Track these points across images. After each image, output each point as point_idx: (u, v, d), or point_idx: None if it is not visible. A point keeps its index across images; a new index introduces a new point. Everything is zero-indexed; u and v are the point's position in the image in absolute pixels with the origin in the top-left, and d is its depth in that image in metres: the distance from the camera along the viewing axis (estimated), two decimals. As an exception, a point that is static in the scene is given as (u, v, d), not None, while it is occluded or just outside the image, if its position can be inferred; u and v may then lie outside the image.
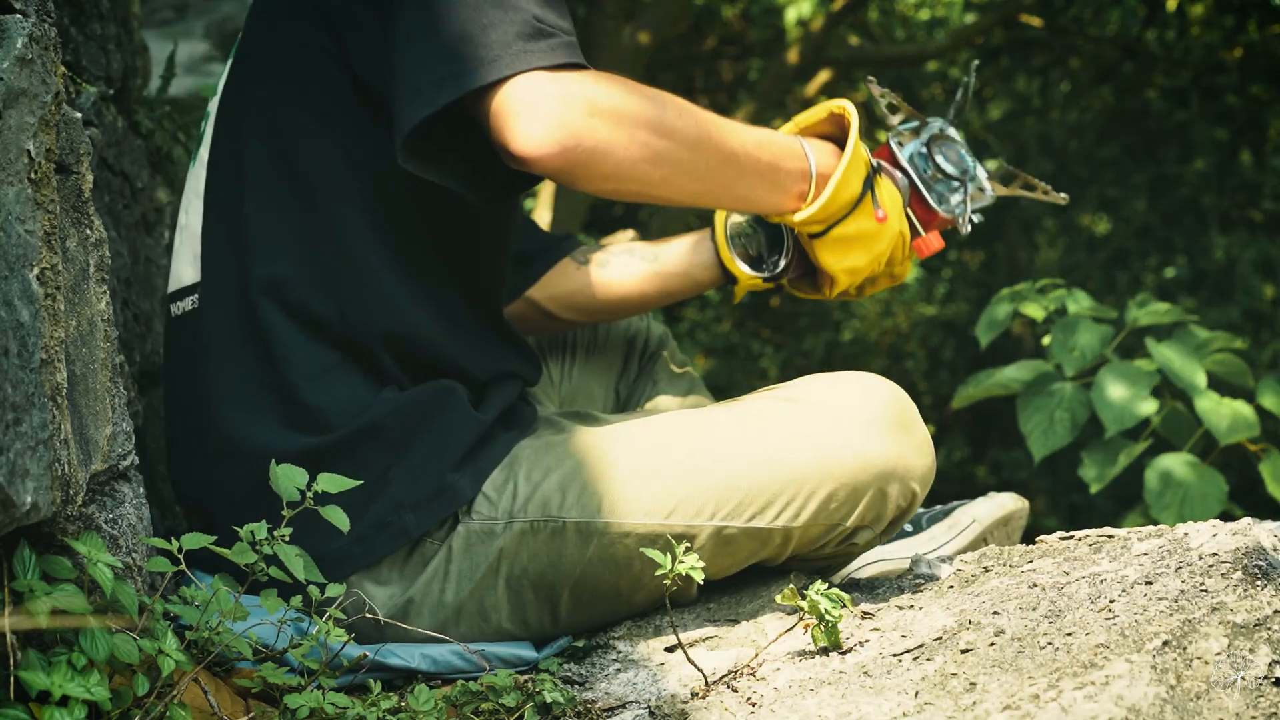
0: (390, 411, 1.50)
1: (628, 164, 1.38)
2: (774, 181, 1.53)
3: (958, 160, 1.77)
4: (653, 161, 1.40)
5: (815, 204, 1.55)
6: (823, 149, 1.59)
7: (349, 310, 1.51)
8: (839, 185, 1.56)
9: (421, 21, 1.37)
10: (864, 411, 1.54)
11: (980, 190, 1.79)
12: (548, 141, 1.33)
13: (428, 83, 1.35)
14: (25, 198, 1.12)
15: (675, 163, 1.42)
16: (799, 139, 1.58)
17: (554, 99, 1.33)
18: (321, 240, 1.51)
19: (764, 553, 1.55)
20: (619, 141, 1.36)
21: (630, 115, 1.37)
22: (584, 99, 1.34)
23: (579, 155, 1.34)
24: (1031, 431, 2.61)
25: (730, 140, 1.47)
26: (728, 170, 1.48)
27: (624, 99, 1.37)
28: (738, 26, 6.03)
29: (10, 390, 1.06)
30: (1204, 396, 2.57)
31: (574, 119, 1.33)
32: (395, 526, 1.49)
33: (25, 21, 1.16)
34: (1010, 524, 1.91)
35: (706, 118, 1.46)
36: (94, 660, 1.11)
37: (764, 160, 1.51)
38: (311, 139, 1.51)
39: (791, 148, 1.56)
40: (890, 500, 1.55)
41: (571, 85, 1.34)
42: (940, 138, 1.77)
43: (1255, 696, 1.19)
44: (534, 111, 1.33)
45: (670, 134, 1.41)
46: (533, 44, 1.34)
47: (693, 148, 1.43)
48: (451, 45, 1.35)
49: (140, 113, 2.21)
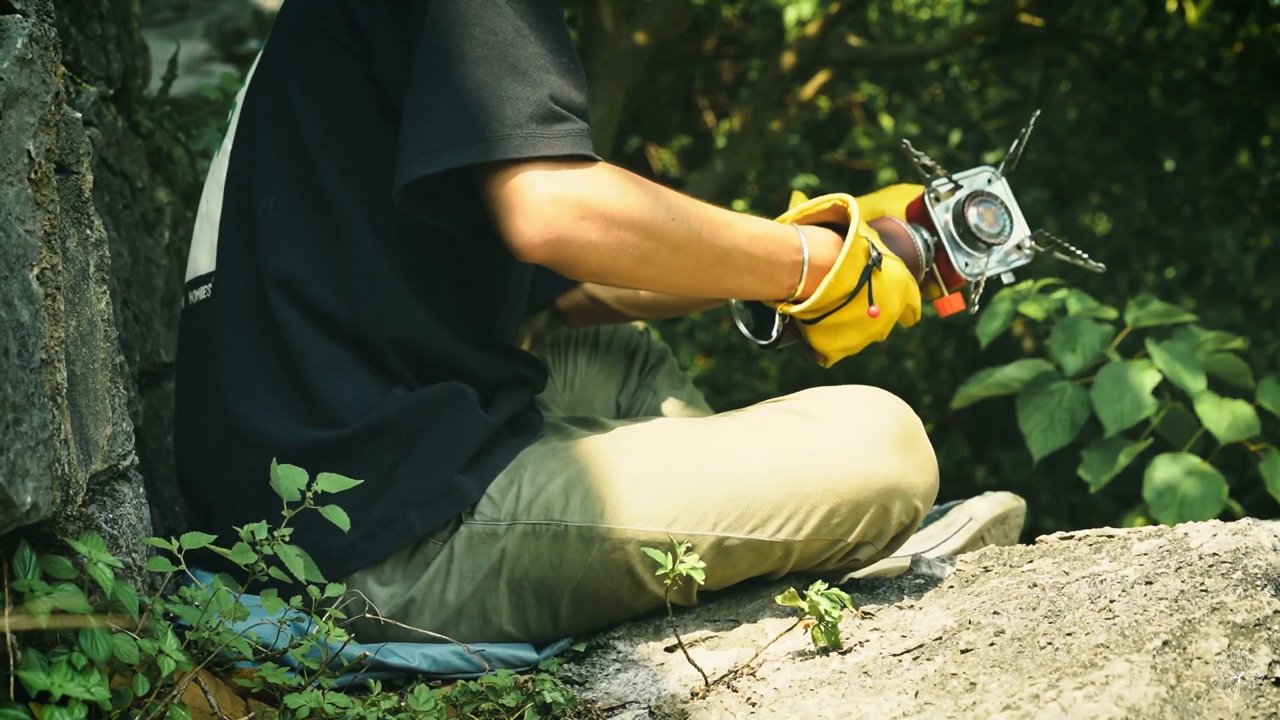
0: (400, 410, 1.50)
1: (613, 264, 1.42)
2: (767, 275, 1.55)
3: (993, 220, 1.75)
4: (640, 262, 1.44)
5: (808, 300, 1.57)
6: (820, 241, 1.59)
7: (360, 311, 1.51)
8: (832, 283, 1.56)
9: (441, 70, 1.39)
10: (869, 428, 1.54)
11: (1019, 248, 1.77)
12: (536, 241, 1.37)
13: (432, 141, 1.38)
14: (25, 198, 1.12)
15: (664, 263, 1.46)
16: (797, 229, 1.58)
17: (547, 200, 1.37)
18: (334, 241, 1.52)
19: (764, 565, 1.55)
20: (606, 244, 1.40)
21: (620, 218, 1.40)
22: (576, 201, 1.38)
23: (565, 255, 1.39)
24: (1031, 431, 2.61)
25: (723, 239, 1.49)
26: (719, 268, 1.51)
27: (617, 201, 1.40)
28: (738, 26, 6.03)
29: (10, 390, 1.06)
30: (1203, 397, 2.57)
31: (563, 222, 1.37)
32: (400, 524, 1.49)
33: (25, 21, 1.16)
34: (1007, 522, 1.92)
35: (701, 216, 1.48)
36: (94, 660, 1.11)
37: (758, 256, 1.53)
38: (328, 141, 1.52)
39: (788, 240, 1.56)
40: (893, 517, 1.55)
41: (567, 185, 1.38)
42: (981, 195, 1.75)
43: (1255, 696, 1.19)
44: (526, 211, 1.37)
45: (661, 236, 1.44)
46: (543, 128, 1.37)
47: (682, 248, 1.46)
48: (464, 108, 1.37)
49: (140, 113, 2.21)
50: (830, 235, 1.60)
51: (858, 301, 1.59)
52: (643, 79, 5.15)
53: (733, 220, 1.52)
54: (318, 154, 1.52)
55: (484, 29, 1.39)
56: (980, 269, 1.75)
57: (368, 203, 1.51)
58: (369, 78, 1.50)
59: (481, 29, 1.40)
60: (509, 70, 1.38)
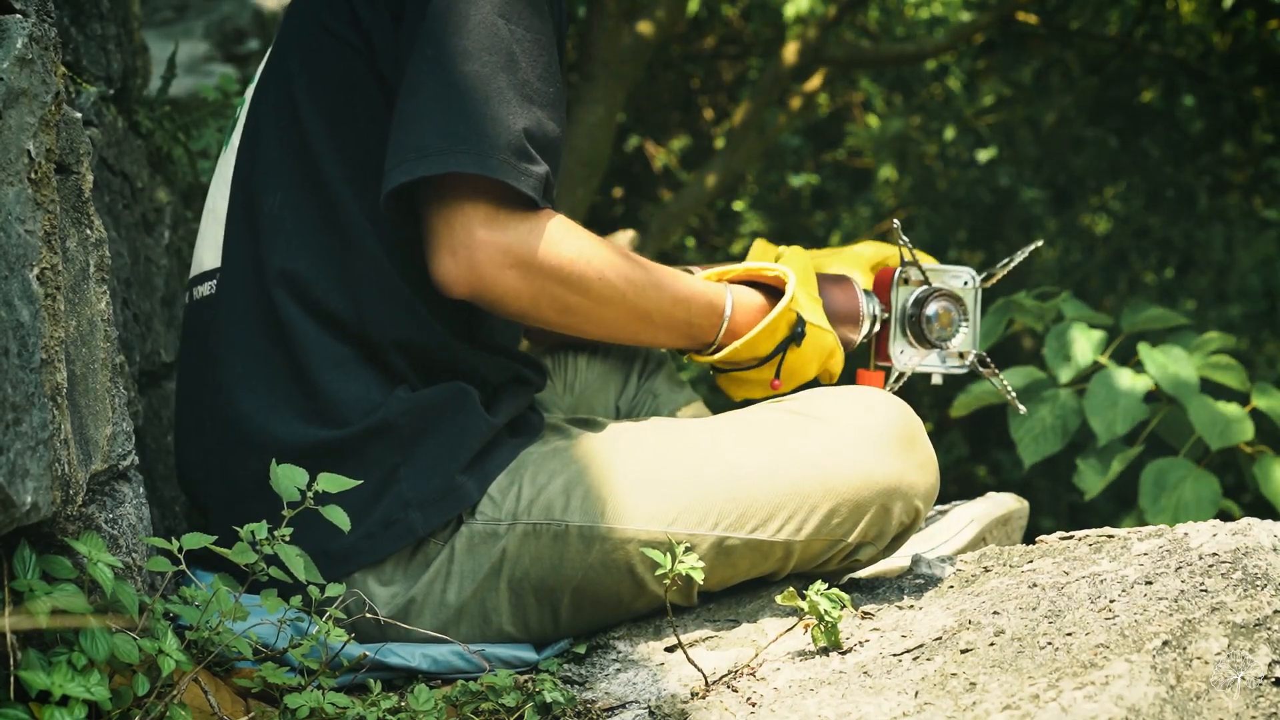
0: (403, 410, 1.50)
1: (533, 311, 1.49)
2: (684, 334, 1.62)
3: (949, 323, 1.77)
4: (560, 312, 1.50)
5: (715, 354, 1.64)
6: (746, 306, 1.65)
7: (364, 311, 1.51)
8: (739, 348, 1.63)
9: (433, 82, 1.42)
10: (869, 428, 1.54)
11: (960, 356, 1.80)
12: (460, 280, 1.43)
13: (414, 149, 1.41)
14: (25, 198, 1.12)
15: (584, 315, 1.52)
16: (727, 292, 1.64)
17: (479, 245, 1.42)
18: (338, 241, 1.52)
19: (765, 566, 1.55)
20: (525, 293, 1.45)
21: (547, 270, 1.45)
22: (505, 249, 1.43)
23: (486, 298, 1.45)
24: (1022, 438, 2.62)
25: (647, 299, 1.55)
26: (637, 324, 1.57)
27: (546, 255, 1.45)
28: (738, 25, 6.03)
29: (10, 390, 1.06)
30: (1196, 402, 2.57)
31: (488, 268, 1.43)
32: (402, 525, 1.49)
33: (25, 21, 1.16)
34: (1010, 524, 1.91)
35: (629, 277, 1.53)
36: (94, 660, 1.11)
37: (677, 319, 1.60)
38: (332, 139, 1.52)
39: (713, 305, 1.62)
40: (893, 517, 1.55)
41: (502, 232, 1.43)
42: (948, 295, 1.77)
43: (1255, 696, 1.20)
44: (455, 250, 1.42)
45: (585, 291, 1.49)
46: (516, 160, 1.41)
47: (605, 304, 1.52)
48: (452, 121, 1.41)
49: (140, 113, 2.21)
50: (759, 301, 1.67)
51: (767, 368, 1.66)
52: (643, 79, 5.15)
53: (663, 282, 1.57)
54: (322, 152, 1.52)
55: (481, 47, 1.42)
56: (914, 363, 1.79)
57: (370, 203, 1.51)
58: (374, 76, 1.50)
59: (479, 47, 1.42)
60: (497, 93, 1.42)
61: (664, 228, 4.61)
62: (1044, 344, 2.68)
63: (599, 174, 3.93)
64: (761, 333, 1.63)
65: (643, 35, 3.90)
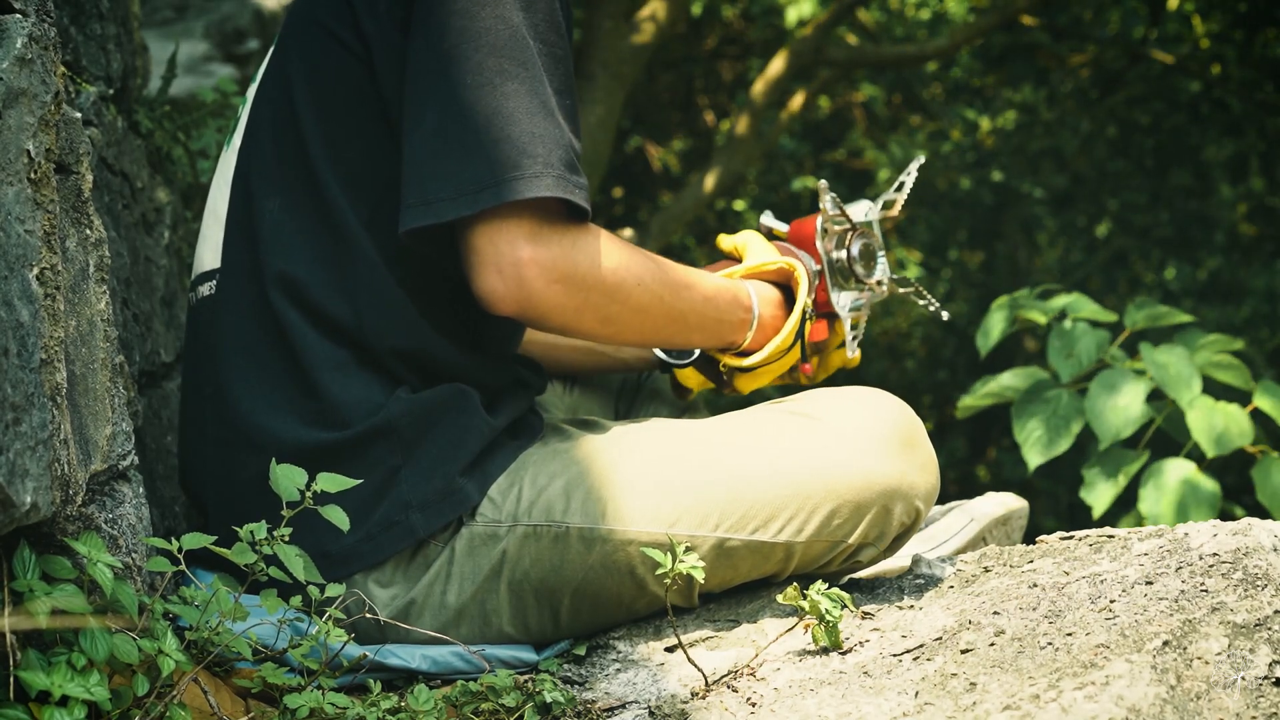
0: (404, 412, 1.50)
1: (575, 323, 1.49)
2: (715, 333, 1.64)
3: (871, 258, 1.80)
4: (601, 323, 1.51)
5: (754, 357, 1.66)
6: (768, 299, 1.68)
7: (363, 316, 1.51)
8: (776, 348, 1.66)
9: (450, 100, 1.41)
10: (870, 429, 1.54)
11: (879, 284, 1.81)
12: (508, 299, 1.43)
13: (471, 179, 1.40)
14: (25, 198, 1.12)
15: (624, 323, 1.53)
16: (750, 289, 1.67)
17: (526, 262, 1.42)
18: (336, 246, 1.51)
19: (766, 567, 1.55)
20: (570, 306, 1.46)
21: (592, 283, 1.46)
22: (552, 265, 1.43)
23: (533, 314, 1.45)
24: (1025, 440, 2.61)
25: (682, 301, 1.56)
26: (674, 326, 1.58)
27: (591, 269, 1.46)
28: (738, 26, 6.03)
29: (10, 390, 1.06)
30: (1195, 406, 2.56)
31: (536, 285, 1.42)
32: (402, 526, 1.49)
33: (25, 21, 1.16)
34: (1010, 523, 1.91)
35: (665, 279, 1.55)
36: (94, 660, 1.11)
37: (709, 317, 1.61)
38: (329, 144, 1.51)
39: (739, 300, 1.65)
40: (894, 518, 1.55)
41: (547, 247, 1.43)
42: (863, 232, 1.79)
43: (1255, 696, 1.19)
44: (502, 269, 1.42)
45: (626, 300, 1.50)
46: (567, 175, 1.41)
47: (644, 311, 1.53)
48: (500, 142, 1.40)
49: (140, 113, 2.21)
50: (776, 294, 1.70)
51: (790, 356, 1.70)
52: (643, 79, 5.15)
53: (692, 281, 1.59)
54: (319, 158, 1.51)
55: (515, 63, 1.41)
56: (852, 303, 1.80)
57: (366, 209, 1.50)
58: (373, 85, 1.49)
59: (513, 63, 1.41)
60: (538, 110, 1.41)
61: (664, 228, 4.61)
62: (1046, 342, 2.67)
63: (599, 174, 3.94)
64: (791, 328, 1.66)
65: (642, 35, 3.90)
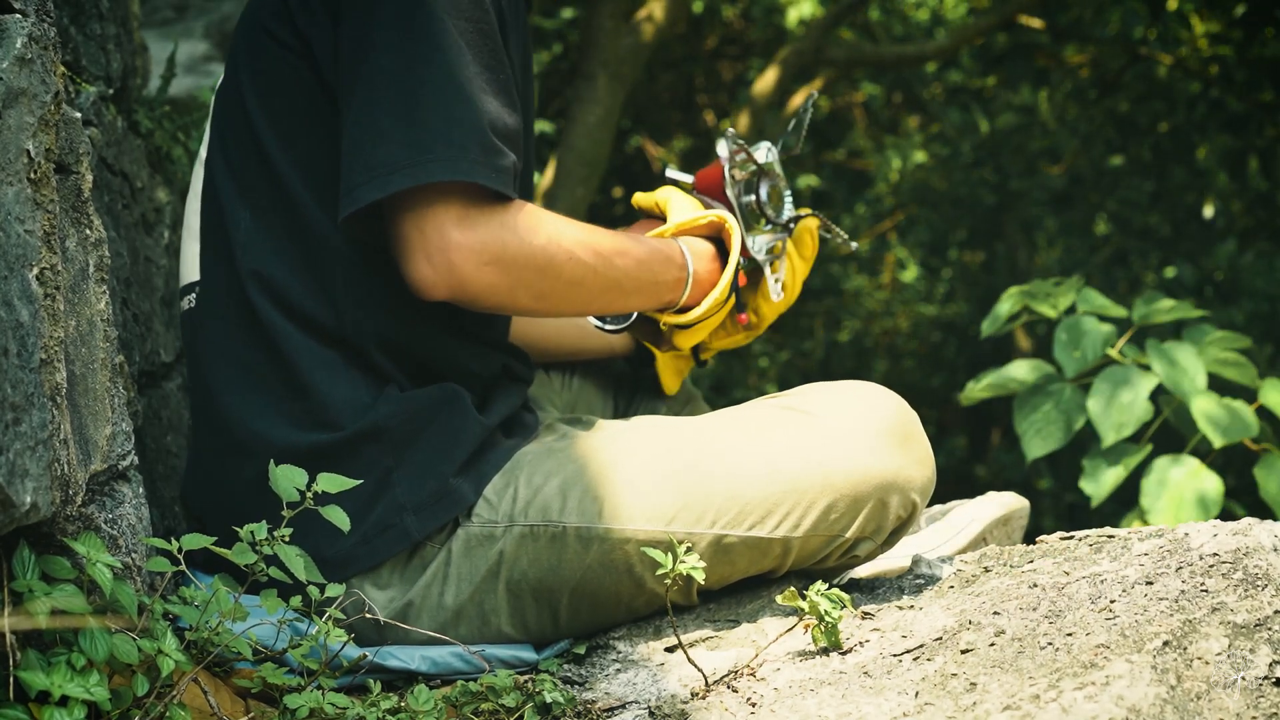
0: (393, 412, 1.50)
1: (510, 303, 1.49)
2: (652, 295, 1.62)
3: (778, 198, 1.79)
4: (536, 299, 1.51)
5: (692, 312, 1.65)
6: (702, 254, 1.66)
7: (343, 313, 1.51)
8: (714, 302, 1.65)
9: (376, 90, 1.42)
10: (866, 423, 1.54)
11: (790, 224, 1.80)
12: (438, 283, 1.43)
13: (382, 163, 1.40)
14: (25, 198, 1.12)
15: (560, 296, 1.53)
16: (682, 246, 1.65)
17: (453, 247, 1.42)
18: (309, 246, 1.52)
19: (764, 563, 1.55)
20: (503, 287, 1.46)
21: (522, 261, 1.46)
22: (480, 248, 1.43)
23: (465, 296, 1.45)
24: (1025, 431, 2.60)
25: (615, 269, 1.56)
26: (611, 293, 1.57)
27: (520, 246, 1.45)
28: (738, 26, 6.03)
29: (10, 390, 1.06)
30: (1201, 399, 2.56)
31: (465, 268, 1.42)
32: (397, 529, 1.49)
33: (25, 21, 1.16)
34: (1010, 524, 1.91)
35: (596, 248, 1.54)
36: (93, 660, 1.11)
37: (645, 279, 1.60)
38: (286, 145, 1.52)
39: (672, 258, 1.63)
40: (890, 511, 1.55)
41: (475, 230, 1.43)
42: (766, 173, 1.78)
43: (1255, 696, 1.19)
44: (430, 255, 1.42)
45: (558, 275, 1.50)
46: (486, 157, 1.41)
47: (578, 283, 1.53)
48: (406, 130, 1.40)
49: (140, 113, 2.21)
50: (709, 248, 1.68)
51: (727, 307, 1.69)
52: (643, 79, 5.15)
53: (624, 247, 1.58)
54: (280, 160, 1.52)
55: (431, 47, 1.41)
56: (767, 244, 1.78)
57: (332, 205, 1.50)
58: (317, 80, 1.50)
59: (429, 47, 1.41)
60: (454, 92, 1.41)
61: (664, 227, 4.59)
62: (1053, 335, 2.66)
63: (599, 174, 3.93)
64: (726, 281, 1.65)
65: (642, 35, 3.89)
